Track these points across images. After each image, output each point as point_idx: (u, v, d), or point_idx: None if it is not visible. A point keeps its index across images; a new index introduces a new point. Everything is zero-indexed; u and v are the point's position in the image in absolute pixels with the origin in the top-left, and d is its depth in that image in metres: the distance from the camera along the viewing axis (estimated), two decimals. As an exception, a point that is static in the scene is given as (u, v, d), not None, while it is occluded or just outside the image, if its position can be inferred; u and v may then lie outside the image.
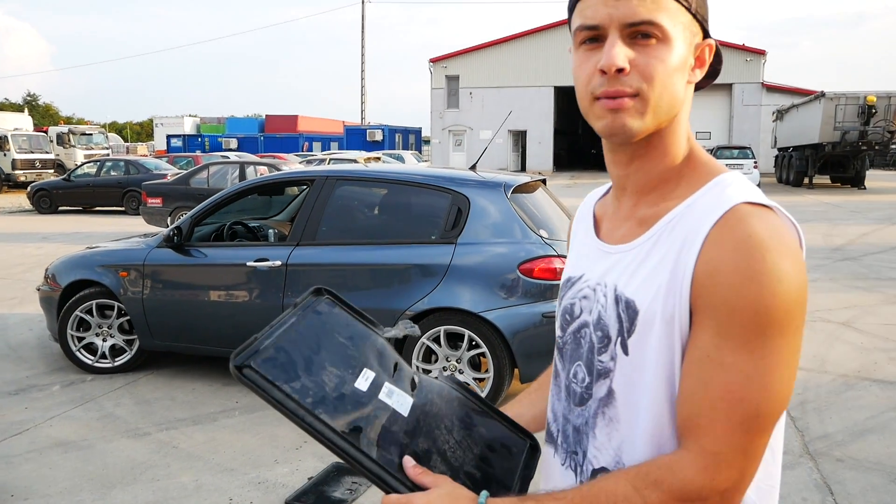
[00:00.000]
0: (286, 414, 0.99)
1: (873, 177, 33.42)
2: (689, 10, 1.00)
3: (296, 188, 7.23)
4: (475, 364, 4.69)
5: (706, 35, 1.06)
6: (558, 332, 1.18)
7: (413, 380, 1.14)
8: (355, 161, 20.56)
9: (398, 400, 1.08)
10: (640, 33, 0.97)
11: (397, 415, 1.06)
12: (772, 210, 0.97)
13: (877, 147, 25.52)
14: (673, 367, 0.97)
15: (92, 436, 4.48)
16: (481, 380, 4.64)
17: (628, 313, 1.01)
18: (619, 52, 0.96)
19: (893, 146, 29.49)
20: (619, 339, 1.02)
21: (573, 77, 1.04)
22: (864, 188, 27.02)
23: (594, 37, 0.99)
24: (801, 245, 0.98)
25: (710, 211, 0.96)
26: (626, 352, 1.01)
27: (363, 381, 1.06)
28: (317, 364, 1.04)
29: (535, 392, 1.37)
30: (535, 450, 1.22)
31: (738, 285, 0.90)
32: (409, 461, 1.02)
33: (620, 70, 0.96)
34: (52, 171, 28.70)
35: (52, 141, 31.61)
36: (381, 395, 1.07)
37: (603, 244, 1.12)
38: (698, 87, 1.11)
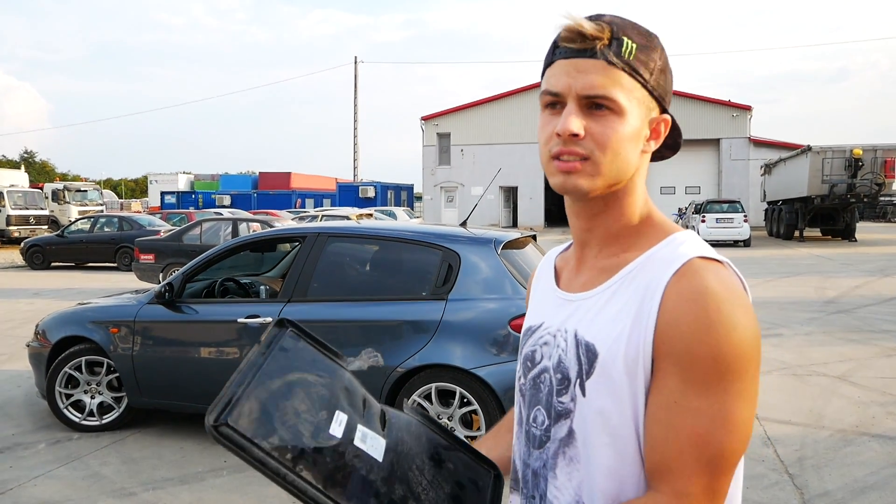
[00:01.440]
0: (267, 474, 0.98)
1: (864, 229, 33.70)
2: (644, 86, 1.08)
3: (287, 245, 7.25)
4: (467, 422, 4.64)
5: (664, 110, 1.13)
6: (520, 380, 1.23)
7: (383, 415, 1.14)
8: (347, 217, 20.66)
9: (372, 444, 1.07)
10: (596, 104, 1.06)
11: (373, 461, 1.05)
12: (722, 264, 1.04)
13: (865, 199, 25.81)
14: (636, 409, 1.02)
15: (77, 496, 4.39)
16: (473, 438, 4.59)
17: (588, 356, 1.06)
18: (573, 120, 1.05)
19: (882, 198, 29.86)
20: (578, 380, 1.07)
21: (537, 135, 1.14)
22: (855, 240, 27.22)
23: (555, 102, 1.09)
24: (747, 295, 1.05)
25: (668, 263, 1.03)
26: (584, 393, 1.06)
27: (337, 427, 1.05)
28: (290, 412, 1.02)
29: (496, 434, 1.40)
30: (498, 479, 1.22)
31: (698, 334, 0.96)
32: None
33: (574, 135, 1.06)
34: (46, 227, 28.75)
35: (47, 197, 31.74)
36: (357, 441, 1.05)
37: (563, 293, 1.19)
38: (660, 157, 1.21)
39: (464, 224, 5.39)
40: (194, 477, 4.69)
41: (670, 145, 1.20)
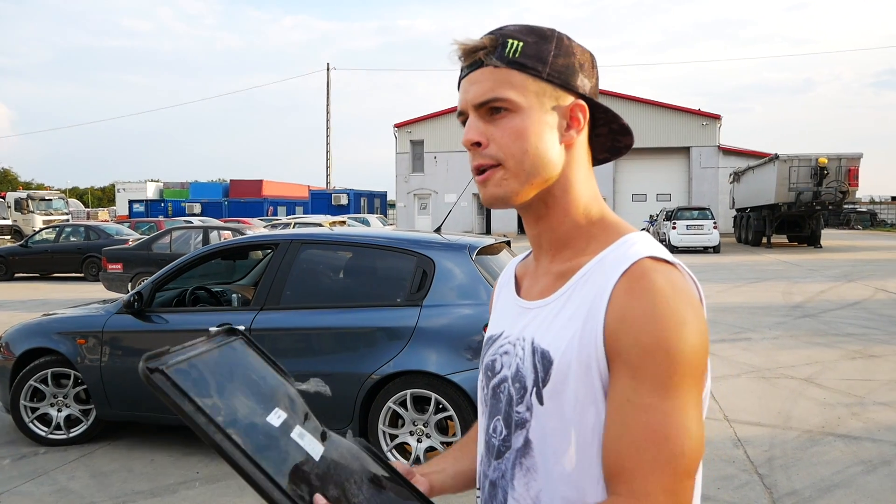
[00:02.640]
0: (196, 428, 0.95)
1: (828, 236, 34.30)
2: (538, 77, 1.06)
3: (260, 252, 7.19)
4: (442, 428, 4.63)
5: (582, 97, 1.10)
6: (482, 390, 1.20)
7: (323, 433, 1.13)
8: (320, 225, 20.56)
9: (309, 444, 1.06)
10: (492, 109, 1.06)
11: (309, 457, 1.03)
12: (674, 266, 1.03)
13: (830, 207, 26.32)
14: (596, 415, 1.00)
15: (44, 511, 4.30)
16: (449, 443, 4.58)
17: (543, 363, 1.04)
18: (471, 129, 1.07)
19: (846, 206, 30.41)
20: (535, 389, 1.05)
21: None
22: (821, 247, 27.71)
23: (464, 121, 1.11)
24: (701, 299, 1.04)
25: (618, 264, 1.02)
26: (540, 402, 1.04)
27: (275, 418, 1.04)
28: (229, 391, 1.01)
29: (461, 449, 1.37)
30: None
31: (646, 327, 0.95)
32: (320, 499, 0.99)
33: (476, 144, 1.07)
34: (8, 237, 28.23)
35: (9, 206, 31.19)
36: (293, 435, 1.04)
37: (522, 301, 1.17)
38: (604, 160, 1.21)
39: (438, 230, 5.39)
40: (166, 489, 4.61)
41: (610, 148, 1.19)
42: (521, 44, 1.07)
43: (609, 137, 1.17)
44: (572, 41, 1.11)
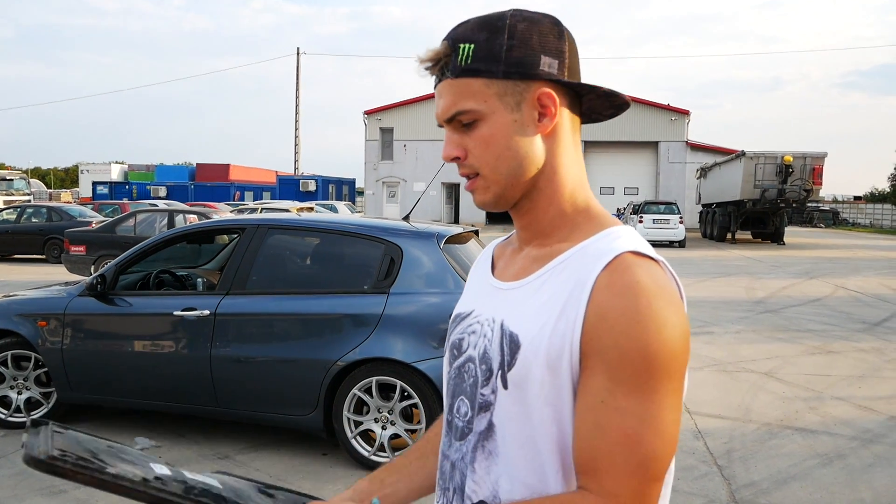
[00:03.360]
0: (126, 494, 0.96)
1: (792, 233, 34.90)
2: (495, 76, 1.03)
3: (225, 237, 7.13)
4: (407, 415, 4.65)
5: (552, 81, 1.04)
6: (445, 368, 1.18)
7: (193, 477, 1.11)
8: (288, 211, 20.41)
9: (203, 478, 1.08)
10: (460, 122, 1.05)
11: (212, 485, 1.07)
12: (656, 262, 1.00)
13: (794, 204, 26.83)
14: (560, 406, 0.98)
15: (3, 495, 4.23)
16: (413, 431, 4.60)
17: (511, 347, 1.02)
18: (448, 144, 1.08)
19: (810, 204, 30.96)
20: (500, 371, 1.03)
21: None
22: (784, 244, 28.20)
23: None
24: (682, 297, 1.02)
25: (600, 256, 0.99)
26: (504, 385, 1.02)
27: (161, 466, 1.06)
28: (109, 455, 1.01)
29: (419, 459, 1.29)
30: None
31: (627, 329, 0.92)
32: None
33: (456, 158, 1.08)
34: (-32, 217, 27.56)
35: (-31, 186, 30.45)
36: (187, 473, 1.07)
37: (496, 281, 1.15)
38: (611, 115, 1.15)
39: (406, 218, 5.38)
40: (126, 473, 4.57)
41: (610, 106, 1.13)
42: (471, 46, 1.03)
43: (604, 99, 1.11)
44: (529, 20, 1.04)
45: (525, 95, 1.04)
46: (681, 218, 26.63)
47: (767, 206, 26.56)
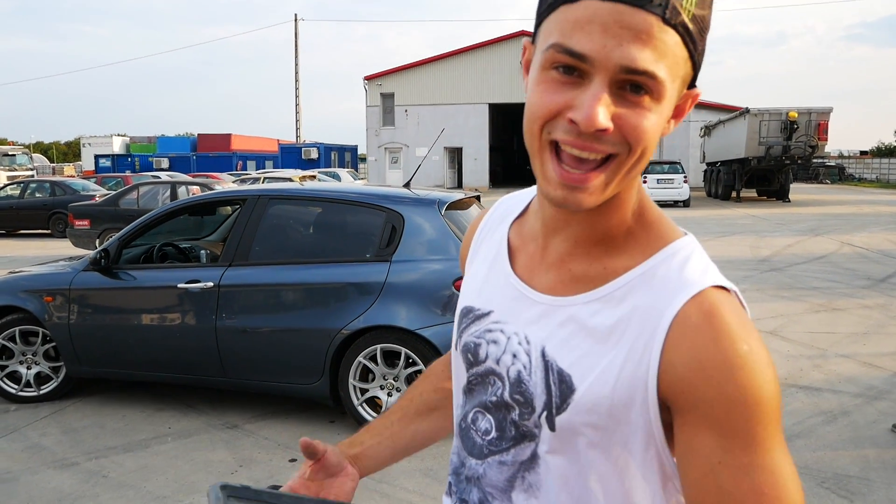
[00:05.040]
0: None
1: (797, 190, 34.76)
2: (691, 57, 0.81)
3: (228, 208, 7.13)
4: (412, 382, 4.67)
5: (693, 82, 0.86)
6: (456, 367, 1.06)
7: None
8: (290, 180, 20.37)
9: None
10: (633, 84, 0.77)
11: None
12: (733, 294, 0.87)
13: (799, 161, 26.61)
14: (623, 454, 0.87)
15: (16, 468, 4.30)
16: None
17: (561, 388, 0.87)
18: (602, 110, 0.76)
19: (815, 160, 30.76)
20: (546, 412, 0.89)
21: (527, 98, 0.84)
22: (789, 201, 28.09)
23: (574, 66, 0.77)
24: None
25: (675, 290, 0.84)
26: (552, 427, 0.89)
27: None
28: None
29: (398, 423, 1.22)
30: None
31: (732, 375, 0.78)
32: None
33: (602, 130, 0.77)
34: (-28, 193, 27.58)
35: (-28, 162, 30.43)
36: None
37: (523, 285, 0.96)
38: None
39: (407, 185, 5.37)
40: (138, 445, 4.63)
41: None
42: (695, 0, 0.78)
43: None
44: None
45: (683, 89, 0.84)
46: (685, 177, 26.51)
47: (772, 164, 26.40)
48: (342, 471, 1.13)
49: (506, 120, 46.63)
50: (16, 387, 5.45)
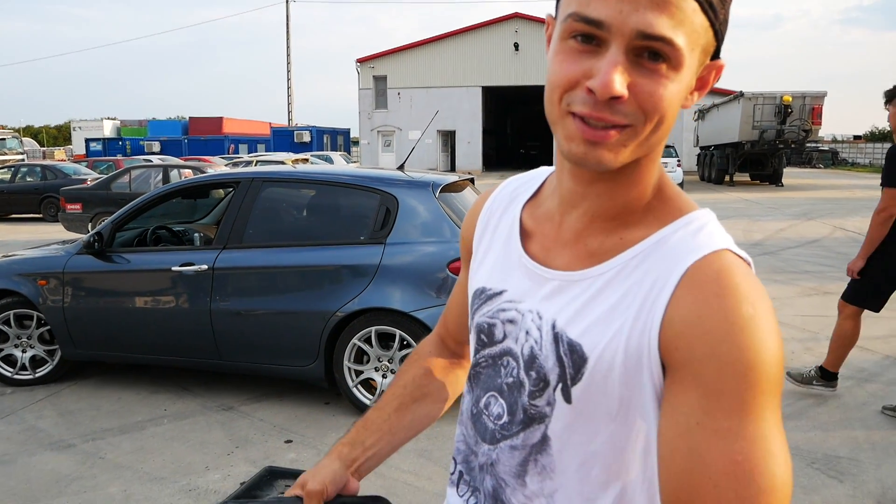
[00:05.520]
0: None
1: (790, 174, 34.83)
2: (713, 26, 0.80)
3: (221, 191, 7.11)
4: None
5: (717, 53, 0.85)
6: (472, 349, 1.04)
7: None
8: (283, 163, 20.31)
9: None
10: (650, 51, 0.77)
11: None
12: (748, 264, 0.85)
13: (793, 145, 26.68)
14: (642, 427, 0.85)
15: (13, 450, 4.31)
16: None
17: (573, 359, 0.86)
18: (616, 76, 0.76)
19: (809, 145, 30.84)
20: (560, 384, 0.88)
21: (548, 68, 0.84)
22: (782, 185, 28.16)
23: (591, 35, 0.78)
24: None
25: (687, 251, 0.82)
26: (567, 399, 0.87)
27: None
28: None
29: (394, 414, 1.17)
30: None
31: (728, 336, 0.75)
32: None
33: (616, 98, 0.77)
34: (-38, 177, 27.43)
35: (-38, 146, 30.24)
36: None
37: (535, 265, 0.95)
38: None
39: (401, 168, 5.37)
40: (134, 426, 4.65)
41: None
42: None
43: None
44: None
45: (706, 60, 0.84)
46: (678, 161, 26.50)
47: (766, 148, 26.43)
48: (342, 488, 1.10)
49: (499, 103, 46.52)
50: (11, 370, 5.46)
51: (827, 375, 4.97)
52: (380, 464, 1.17)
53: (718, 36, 0.82)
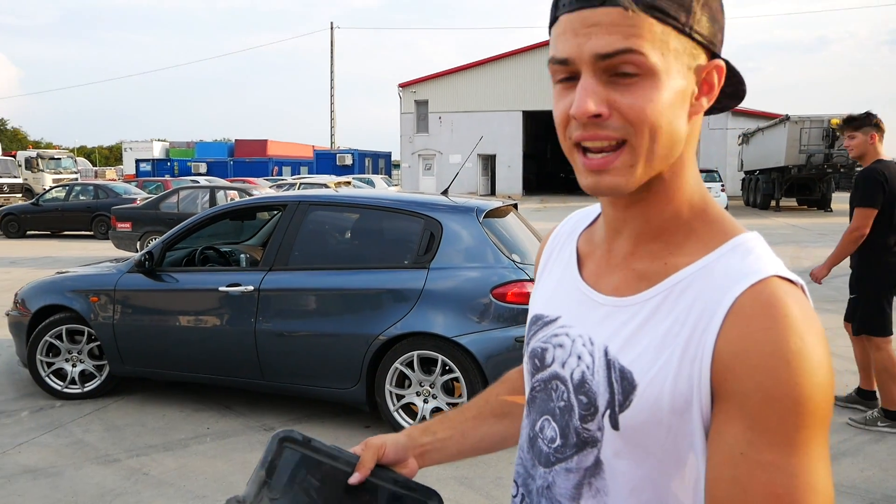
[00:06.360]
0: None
1: (839, 199, 34.06)
2: (681, 31, 0.83)
3: (266, 213, 7.23)
4: (449, 389, 4.71)
5: (715, 55, 0.88)
6: (526, 373, 1.07)
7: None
8: (325, 185, 20.57)
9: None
10: (618, 69, 0.82)
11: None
12: (800, 288, 0.84)
13: (842, 169, 26.11)
14: (692, 459, 0.85)
15: (61, 462, 4.41)
16: (455, 405, 4.66)
17: (623, 385, 0.87)
18: (589, 94, 0.82)
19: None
20: (609, 411, 0.89)
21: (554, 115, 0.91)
22: (831, 210, 27.57)
23: (568, 73, 0.85)
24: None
25: (735, 278, 0.82)
26: (615, 426, 0.88)
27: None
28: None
29: (475, 419, 1.21)
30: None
31: (775, 370, 0.76)
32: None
33: (596, 116, 0.82)
34: (20, 195, 28.32)
35: (20, 165, 31.22)
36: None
37: (589, 289, 0.97)
38: (720, 108, 0.98)
39: (445, 192, 5.41)
40: (178, 444, 4.72)
41: (731, 94, 0.96)
42: None
43: (730, 87, 0.95)
44: None
45: (697, 62, 0.86)
46: (722, 185, 26.21)
47: (813, 172, 25.92)
48: (400, 464, 1.13)
49: (539, 127, 46.53)
50: (61, 384, 5.59)
51: (891, 415, 4.82)
52: (443, 461, 1.19)
53: (696, 40, 0.84)
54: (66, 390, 5.59)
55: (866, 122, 4.90)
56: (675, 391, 0.82)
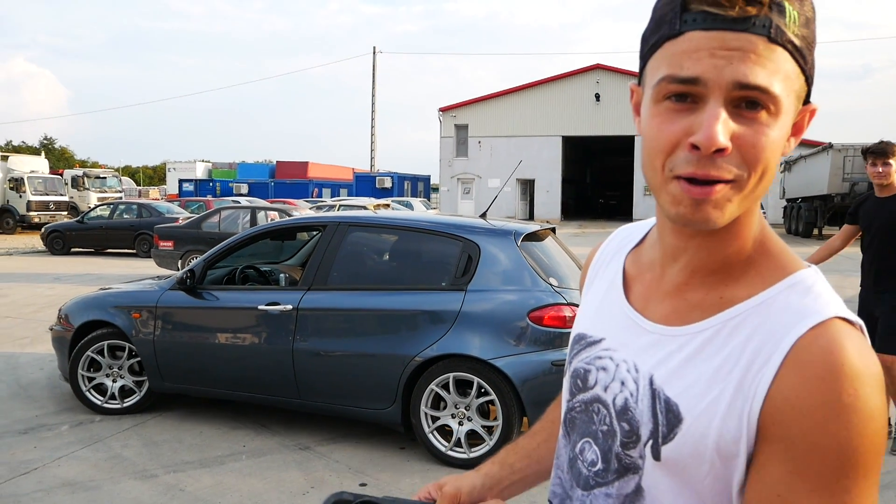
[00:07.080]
0: None
1: (882, 229, 33.32)
2: (803, 71, 0.81)
3: (306, 233, 7.31)
4: (484, 412, 4.68)
5: (808, 98, 0.85)
6: (565, 392, 1.05)
7: None
8: (365, 208, 20.74)
9: None
10: (749, 101, 0.77)
11: None
12: (858, 329, 0.81)
13: (886, 199, 25.55)
14: (729, 492, 0.83)
15: (99, 476, 4.47)
16: (490, 428, 4.63)
17: (668, 417, 0.85)
18: (722, 128, 0.76)
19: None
20: (652, 441, 0.87)
21: (643, 136, 0.84)
22: (874, 240, 26.94)
23: (687, 94, 0.79)
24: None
25: (795, 320, 0.80)
26: (656, 457, 0.86)
27: None
28: None
29: (544, 444, 1.20)
30: None
31: (825, 421, 0.74)
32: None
33: (721, 150, 0.77)
34: (65, 213, 29.05)
35: (66, 183, 32.05)
36: None
37: (636, 315, 0.95)
38: None
39: (483, 216, 5.41)
40: (214, 461, 4.76)
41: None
42: (797, 16, 0.78)
43: None
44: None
45: (799, 105, 0.83)
46: (764, 213, 25.34)
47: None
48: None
49: (579, 152, 46.47)
50: (101, 398, 5.68)
51: None
52: (526, 489, 1.17)
53: (809, 81, 0.82)
54: (105, 405, 5.67)
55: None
56: (724, 429, 0.80)
